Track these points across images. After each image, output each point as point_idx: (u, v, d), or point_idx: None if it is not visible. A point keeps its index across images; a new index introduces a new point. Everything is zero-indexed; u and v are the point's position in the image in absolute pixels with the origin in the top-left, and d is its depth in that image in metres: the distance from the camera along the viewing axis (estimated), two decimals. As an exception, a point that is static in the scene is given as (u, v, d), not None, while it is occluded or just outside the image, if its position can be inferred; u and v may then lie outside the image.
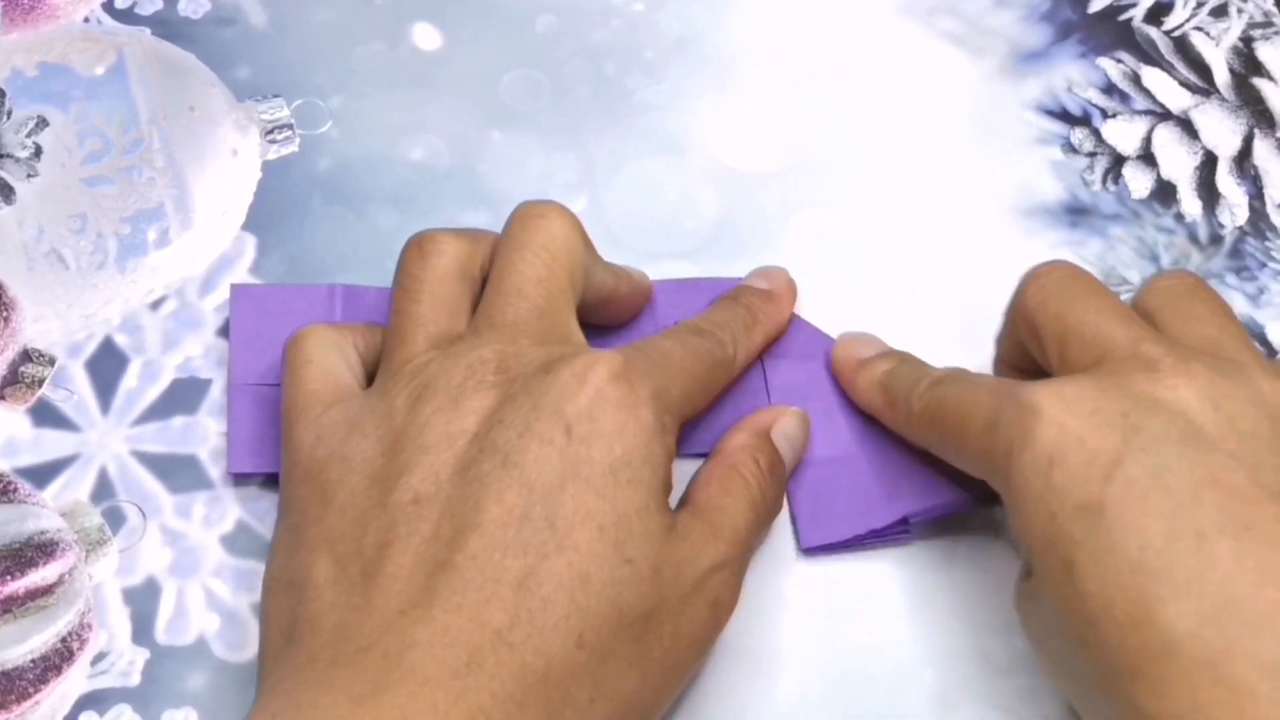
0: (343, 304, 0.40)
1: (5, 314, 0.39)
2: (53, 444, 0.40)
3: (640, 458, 0.33)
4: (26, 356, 0.40)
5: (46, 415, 0.40)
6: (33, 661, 0.36)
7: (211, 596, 0.38)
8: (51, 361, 0.40)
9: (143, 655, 0.37)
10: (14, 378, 0.40)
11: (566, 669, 0.31)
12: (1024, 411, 0.33)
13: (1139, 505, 0.31)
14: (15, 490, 0.38)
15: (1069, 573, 0.31)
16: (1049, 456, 0.32)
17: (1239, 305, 0.44)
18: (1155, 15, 0.48)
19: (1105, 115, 0.47)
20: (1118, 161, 0.46)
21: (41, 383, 0.40)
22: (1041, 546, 0.32)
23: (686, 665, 0.34)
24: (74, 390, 0.41)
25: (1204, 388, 0.32)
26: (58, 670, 0.36)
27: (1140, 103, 0.47)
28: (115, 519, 0.39)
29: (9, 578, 0.36)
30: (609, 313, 0.40)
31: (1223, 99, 0.47)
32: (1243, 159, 0.46)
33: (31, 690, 0.36)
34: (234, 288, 0.40)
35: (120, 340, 0.41)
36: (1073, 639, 0.32)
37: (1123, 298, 0.37)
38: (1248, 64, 0.48)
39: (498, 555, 0.31)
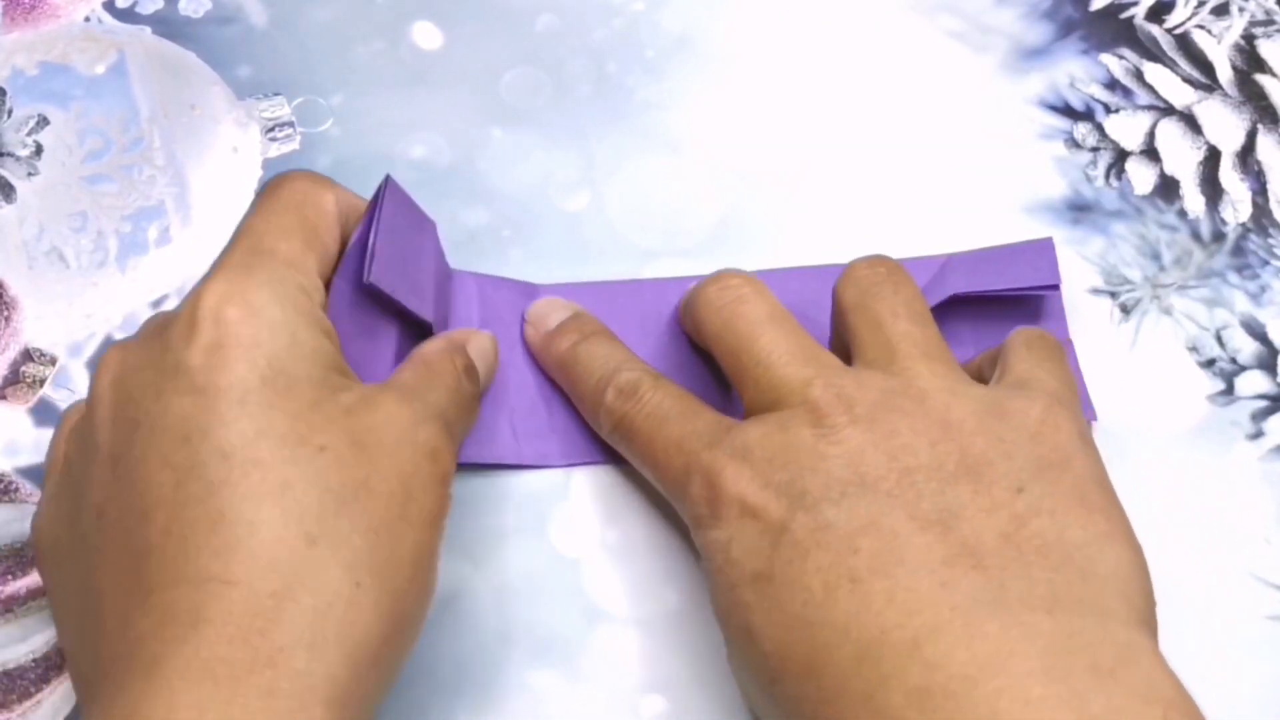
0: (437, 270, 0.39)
1: (6, 313, 0.40)
2: (54, 443, 0.40)
3: (284, 352, 0.32)
4: (27, 356, 0.40)
5: (48, 415, 0.40)
6: (34, 661, 0.36)
7: (212, 595, 0.38)
8: (53, 361, 0.40)
9: (144, 654, 0.37)
10: (15, 377, 0.40)
11: (308, 569, 0.30)
12: (709, 487, 0.34)
13: (800, 566, 0.31)
14: (16, 490, 0.38)
15: (749, 637, 0.32)
16: (729, 536, 0.33)
17: (1241, 304, 0.43)
18: (1156, 14, 0.48)
19: (1108, 110, 0.46)
20: (1121, 157, 0.46)
21: (43, 382, 0.40)
22: (724, 615, 0.33)
23: (430, 516, 0.33)
24: (75, 390, 0.41)
25: (866, 431, 0.33)
26: (59, 669, 0.36)
27: (1143, 98, 0.47)
28: (116, 518, 0.39)
29: (10, 577, 0.36)
30: None
31: (1225, 95, 0.47)
32: (1246, 154, 0.46)
33: (33, 689, 0.36)
34: (389, 179, 0.37)
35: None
36: (764, 697, 0.33)
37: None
38: (1250, 60, 0.47)
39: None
